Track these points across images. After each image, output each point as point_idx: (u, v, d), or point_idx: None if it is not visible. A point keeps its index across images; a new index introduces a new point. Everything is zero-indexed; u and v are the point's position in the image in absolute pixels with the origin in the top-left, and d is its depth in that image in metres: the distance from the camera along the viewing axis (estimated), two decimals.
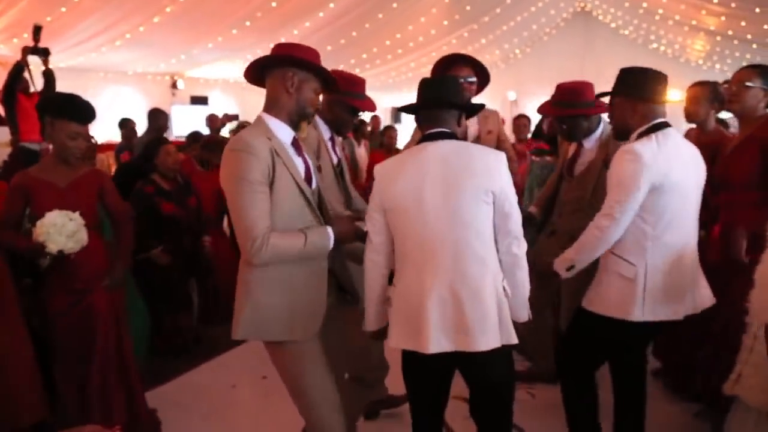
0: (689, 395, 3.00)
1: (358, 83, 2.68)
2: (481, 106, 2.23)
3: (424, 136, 1.97)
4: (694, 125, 3.30)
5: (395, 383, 2.55)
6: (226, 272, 3.73)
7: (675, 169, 2.11)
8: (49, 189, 2.48)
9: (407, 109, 2.08)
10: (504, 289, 1.91)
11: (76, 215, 2.37)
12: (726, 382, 2.21)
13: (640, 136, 2.16)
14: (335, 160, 2.73)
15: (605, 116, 2.82)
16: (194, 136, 5.37)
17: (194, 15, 7.43)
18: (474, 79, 3.10)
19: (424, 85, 2.03)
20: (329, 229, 1.91)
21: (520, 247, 1.95)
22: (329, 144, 2.72)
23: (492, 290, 1.87)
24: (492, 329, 1.85)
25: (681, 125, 5.12)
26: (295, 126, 1.98)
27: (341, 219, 2.03)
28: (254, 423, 3.03)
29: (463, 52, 3.48)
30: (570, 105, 2.77)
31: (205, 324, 4.14)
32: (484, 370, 1.97)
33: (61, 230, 2.30)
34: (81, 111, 2.51)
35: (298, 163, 1.96)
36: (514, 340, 1.89)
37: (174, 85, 10.63)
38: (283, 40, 7.38)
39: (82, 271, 2.51)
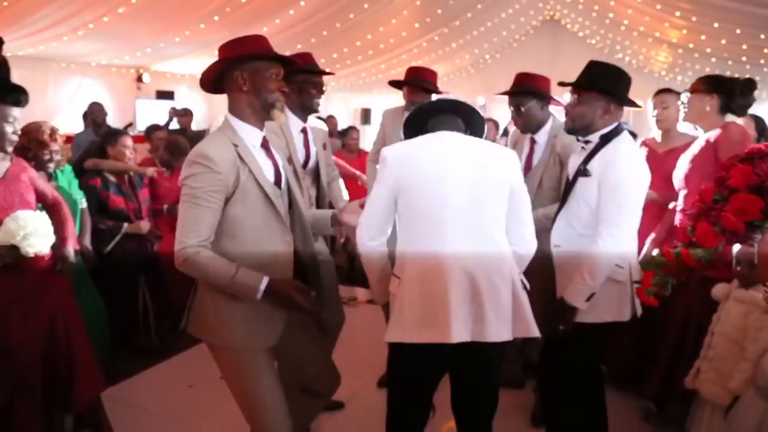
0: (639, 396, 3.04)
1: (305, 54, 2.70)
2: (483, 130, 2.17)
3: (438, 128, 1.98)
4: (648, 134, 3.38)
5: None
6: (177, 272, 3.63)
7: (646, 167, 2.18)
8: None
9: (416, 118, 2.07)
10: (522, 282, 1.92)
11: (44, 215, 2.27)
12: (687, 377, 2.28)
13: (608, 138, 2.16)
14: (302, 160, 2.70)
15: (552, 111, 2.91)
16: (153, 129, 5.27)
17: (161, 7, 7.26)
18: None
19: (438, 101, 2.17)
20: (265, 279, 1.81)
21: (533, 242, 2.00)
22: (299, 139, 2.69)
23: (509, 280, 1.87)
24: (505, 320, 1.84)
25: (643, 132, 5.25)
26: (264, 118, 1.93)
27: (286, 281, 1.88)
28: (211, 424, 2.97)
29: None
30: (525, 89, 2.80)
31: (162, 323, 4.04)
32: (484, 363, 1.94)
33: (38, 232, 2.22)
34: (17, 94, 2.38)
35: (267, 166, 1.92)
36: (534, 333, 1.89)
37: (139, 79, 10.37)
38: None
39: (29, 266, 2.37)
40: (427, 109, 2.07)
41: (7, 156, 2.47)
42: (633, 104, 2.21)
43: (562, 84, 2.34)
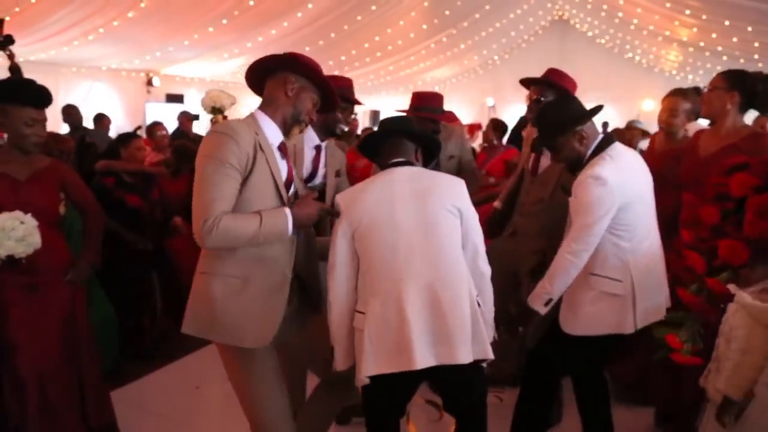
0: (645, 401, 3.00)
1: (343, 79, 2.70)
2: (438, 147, 2.21)
3: (387, 164, 2.03)
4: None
5: None
6: (191, 273, 3.63)
7: (634, 182, 2.18)
8: (8, 182, 2.34)
9: (367, 144, 2.15)
10: (477, 303, 1.91)
11: (28, 217, 2.24)
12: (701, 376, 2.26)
13: (591, 157, 2.20)
14: (305, 174, 2.63)
15: None
16: (154, 126, 5.32)
17: (169, 11, 7.32)
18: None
19: (384, 121, 2.16)
20: (287, 211, 1.83)
21: (486, 264, 2.00)
22: (310, 154, 2.64)
23: (467, 299, 1.87)
24: (468, 341, 1.83)
25: (654, 129, 5.17)
26: (287, 130, 1.97)
27: (301, 200, 1.94)
28: (218, 425, 2.97)
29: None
30: (551, 82, 2.81)
31: (169, 324, 4.04)
32: (460, 381, 1.94)
33: (10, 234, 2.18)
34: (36, 95, 2.37)
35: (282, 166, 1.95)
36: (490, 356, 1.87)
37: (149, 82, 10.46)
38: (260, 40, 7.36)
39: (41, 268, 2.38)
40: (378, 134, 2.14)
41: (43, 158, 2.47)
42: (594, 112, 2.25)
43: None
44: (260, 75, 1.99)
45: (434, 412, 3.02)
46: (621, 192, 2.09)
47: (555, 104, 2.36)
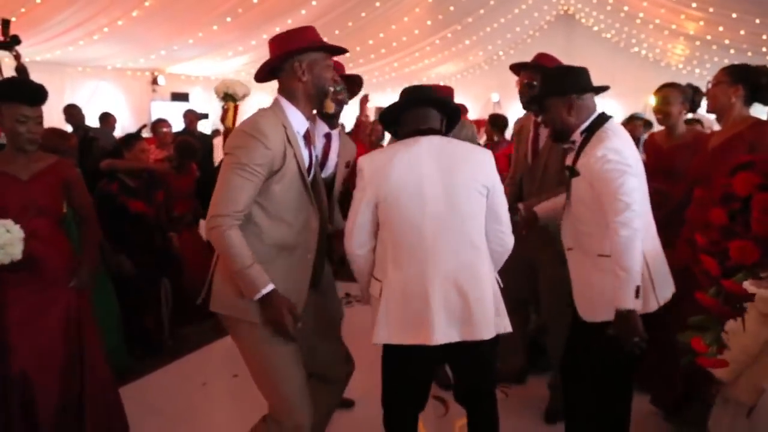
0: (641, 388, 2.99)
1: (336, 63, 2.67)
2: (458, 116, 2.18)
3: (414, 130, 1.98)
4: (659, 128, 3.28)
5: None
6: (197, 271, 3.65)
7: (637, 158, 2.17)
8: (10, 182, 2.34)
9: (389, 113, 2.09)
10: (497, 281, 1.96)
11: (16, 228, 2.21)
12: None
13: (589, 132, 2.15)
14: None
15: None
16: (158, 123, 5.32)
17: (174, 10, 7.34)
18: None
19: (407, 90, 2.10)
20: (271, 285, 1.83)
21: (510, 236, 2.02)
22: (320, 143, 2.64)
23: (489, 279, 1.92)
24: (491, 318, 1.89)
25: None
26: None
27: (285, 299, 1.89)
28: (225, 422, 2.97)
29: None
30: (542, 66, 2.83)
31: (175, 323, 4.05)
32: (479, 359, 1.98)
33: None
34: (27, 92, 2.35)
35: (305, 154, 1.99)
36: (509, 328, 1.93)
37: (154, 81, 10.49)
38: (264, 37, 7.30)
39: (45, 266, 2.37)
40: (401, 102, 2.07)
41: (47, 157, 2.46)
42: (598, 90, 2.20)
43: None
44: (269, 76, 2.01)
45: (440, 408, 3.02)
46: (634, 163, 2.08)
47: (567, 67, 2.31)
